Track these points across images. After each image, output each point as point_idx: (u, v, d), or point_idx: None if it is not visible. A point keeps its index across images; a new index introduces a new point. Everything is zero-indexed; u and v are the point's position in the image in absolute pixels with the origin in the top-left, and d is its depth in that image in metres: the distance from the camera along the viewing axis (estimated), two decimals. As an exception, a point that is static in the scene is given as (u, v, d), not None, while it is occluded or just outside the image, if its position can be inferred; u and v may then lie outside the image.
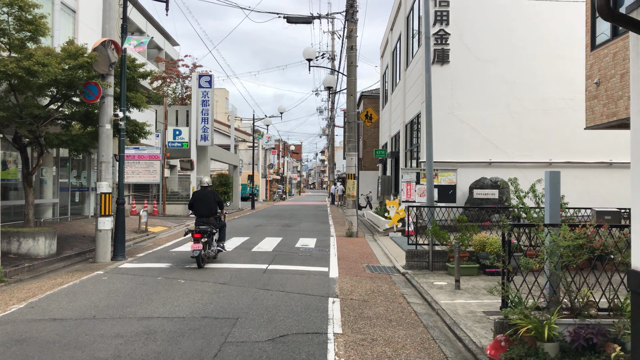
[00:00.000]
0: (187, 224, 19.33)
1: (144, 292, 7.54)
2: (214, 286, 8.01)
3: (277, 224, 19.84)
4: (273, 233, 16.21)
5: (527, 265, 4.74)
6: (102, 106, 10.33)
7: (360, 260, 11.08)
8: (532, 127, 16.84)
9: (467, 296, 7.47)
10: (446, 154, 16.70)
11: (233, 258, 10.89)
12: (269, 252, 11.81)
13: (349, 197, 15.42)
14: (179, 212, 23.10)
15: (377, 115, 15.52)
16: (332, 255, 11.65)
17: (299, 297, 7.32)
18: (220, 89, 64.11)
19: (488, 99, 16.83)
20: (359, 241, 14.57)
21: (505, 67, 16.90)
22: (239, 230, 17.18)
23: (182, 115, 23.77)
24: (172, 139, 22.97)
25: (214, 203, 10.47)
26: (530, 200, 10.36)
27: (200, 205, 10.38)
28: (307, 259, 10.93)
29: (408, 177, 16.01)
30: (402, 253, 11.82)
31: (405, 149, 22.15)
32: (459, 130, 16.80)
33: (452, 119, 16.83)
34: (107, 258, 10.48)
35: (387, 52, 29.57)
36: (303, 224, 20.04)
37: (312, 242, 13.87)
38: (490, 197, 15.99)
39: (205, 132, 22.90)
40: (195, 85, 22.95)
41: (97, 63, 9.97)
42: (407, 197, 15.99)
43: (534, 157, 16.81)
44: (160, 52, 30.73)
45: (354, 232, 15.32)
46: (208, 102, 22.95)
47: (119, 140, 10.72)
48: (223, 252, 10.92)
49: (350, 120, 15.40)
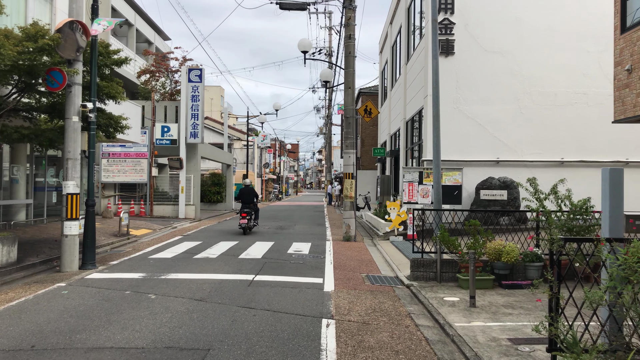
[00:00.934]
0: (174, 226, 18.17)
1: (105, 312, 6.38)
2: (189, 303, 6.86)
3: (270, 227, 18.68)
4: (265, 237, 15.06)
5: (594, 299, 3.53)
6: (68, 96, 9.16)
7: (359, 269, 9.94)
8: (542, 124, 15.72)
9: (485, 316, 6.34)
10: (451, 152, 15.57)
11: (216, 267, 9.74)
12: (258, 260, 10.65)
13: (347, 198, 14.28)
14: (167, 213, 21.93)
15: (376, 110, 14.39)
16: (327, 263, 10.51)
17: (287, 319, 6.17)
18: (216, 86, 62.94)
19: (495, 93, 15.71)
20: (357, 246, 13.43)
21: (513, 59, 15.79)
22: (228, 233, 16.01)
23: (171, 111, 22.60)
24: (160, 136, 21.79)
25: (253, 196, 16.02)
26: (551, 203, 9.26)
27: (245, 197, 16.01)
28: (299, 268, 9.78)
29: (410, 177, 14.88)
30: (405, 260, 10.68)
31: (405, 147, 21.03)
32: (464, 126, 15.68)
33: (457, 115, 15.70)
34: (74, 267, 9.31)
35: (387, 46, 28.44)
36: (298, 226, 18.89)
37: (307, 247, 12.73)
38: (499, 199, 14.87)
39: (195, 129, 21.72)
40: (184, 79, 21.77)
41: (62, 47, 8.80)
42: (409, 198, 14.86)
43: (545, 156, 15.69)
44: (151, 46, 29.53)
45: (352, 236, 14.19)
46: (198, 98, 21.77)
47: (89, 135, 9.55)
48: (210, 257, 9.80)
49: (348, 115, 14.26)
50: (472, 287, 6.89)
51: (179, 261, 10.39)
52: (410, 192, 14.85)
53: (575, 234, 8.53)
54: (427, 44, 15.95)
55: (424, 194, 14.80)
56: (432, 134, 9.39)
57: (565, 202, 8.76)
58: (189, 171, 22.00)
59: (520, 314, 6.46)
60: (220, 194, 30.83)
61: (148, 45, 29.38)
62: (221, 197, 30.90)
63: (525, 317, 6.28)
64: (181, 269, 9.50)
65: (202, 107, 21.92)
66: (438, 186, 9.35)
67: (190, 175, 21.98)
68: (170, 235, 15.61)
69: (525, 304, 7.04)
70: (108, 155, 21.90)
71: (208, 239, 14.23)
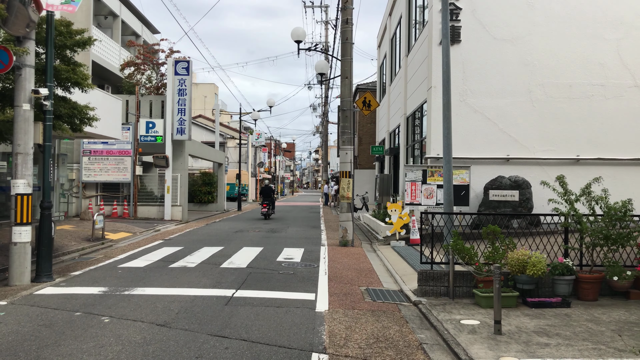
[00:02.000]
0: (157, 229, 16.84)
1: (38, 344, 5.06)
2: (148, 330, 5.54)
3: (261, 229, 17.37)
4: (254, 241, 13.74)
5: None
6: (18, 80, 7.83)
7: (357, 281, 8.65)
8: (556, 118, 14.45)
9: (516, 348, 5.05)
10: (457, 149, 14.26)
11: (192, 279, 8.42)
12: (242, 270, 9.34)
13: (344, 198, 12.98)
14: (152, 215, 20.59)
15: (376, 102, 13.11)
16: (321, 273, 9.21)
17: (267, 354, 4.86)
18: (209, 84, 61.64)
19: (505, 85, 14.42)
20: (355, 252, 12.13)
21: (525, 47, 14.51)
22: (214, 238, 14.70)
23: (157, 106, 21.26)
24: (145, 133, 20.46)
25: (271, 192, 23.14)
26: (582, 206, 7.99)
27: (265, 193, 23.22)
28: (288, 280, 8.47)
29: (412, 176, 13.58)
30: (409, 270, 9.39)
31: (406, 144, 19.73)
32: (471, 121, 14.38)
33: (463, 108, 14.41)
34: (25, 280, 7.98)
35: (385, 40, 27.16)
36: (291, 229, 17.57)
37: (299, 254, 11.43)
38: (510, 200, 13.59)
39: (182, 125, 20.38)
40: (170, 72, 20.43)
41: (9, 22, 7.48)
42: (412, 199, 13.56)
43: (559, 153, 14.41)
44: (138, 39, 28.18)
45: (349, 241, 12.89)
46: (185, 91, 20.43)
47: (44, 126, 8.21)
48: (189, 266, 8.52)
49: (345, 108, 12.95)
50: (498, 309, 5.60)
51: (151, 271, 9.07)
52: (413, 193, 13.56)
53: (613, 242, 7.26)
54: (430, 32, 14.66)
55: (428, 194, 13.51)
56: (442, 125, 8.11)
57: (599, 204, 7.48)
58: (176, 170, 20.67)
59: (560, 345, 5.17)
60: (211, 194, 29.49)
61: (135, 38, 28.02)
62: (212, 197, 29.57)
63: (568, 350, 5.00)
64: (151, 281, 8.19)
65: (190, 101, 20.58)
66: (449, 185, 8.06)
67: (177, 174, 20.65)
68: (151, 239, 14.29)
69: (562, 329, 5.75)
70: (89, 152, 20.57)
71: (191, 244, 12.91)
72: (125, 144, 20.54)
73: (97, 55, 22.50)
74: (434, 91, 14.36)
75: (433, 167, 13.64)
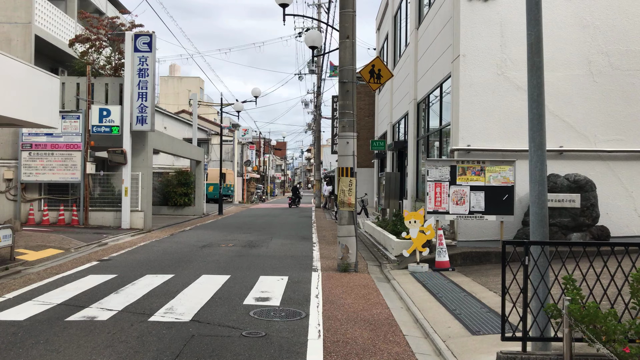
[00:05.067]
0: (104, 242, 13.14)
1: None
2: None
3: (236, 242, 13.72)
4: (220, 264, 10.10)
5: None
6: None
7: (372, 349, 5.05)
8: (625, 96, 10.95)
9: None
10: (494, 138, 10.76)
11: (82, 357, 4.77)
12: (182, 326, 5.69)
13: (344, 205, 9.34)
14: (108, 222, 16.86)
15: (389, 71, 9.52)
16: (311, 333, 5.57)
17: None
18: (194, 77, 57.85)
19: (557, 54, 10.88)
20: (361, 282, 8.50)
21: (583, 3, 10.99)
22: (168, 257, 11.04)
23: (115, 91, 17.52)
24: (98, 122, 16.70)
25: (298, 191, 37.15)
26: None
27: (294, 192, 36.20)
28: (254, 357, 4.83)
29: (437, 174, 9.99)
30: (455, 325, 5.76)
31: (416, 135, 16.17)
32: (512, 100, 10.84)
33: (502, 84, 10.87)
34: None
35: (387, 19, 23.59)
36: (274, 242, 13.93)
37: (279, 288, 7.80)
38: (568, 206, 10.05)
39: (143, 113, 16.67)
40: (129, 48, 16.70)
41: None
42: (435, 205, 9.99)
43: (629, 143, 10.91)
44: (102, 17, 24.36)
45: (352, 264, 9.27)
46: (147, 72, 16.72)
47: None
48: (97, 319, 4.87)
49: (346, 80, 9.33)
50: None
51: (27, 334, 5.41)
52: (438, 197, 9.96)
53: None
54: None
55: (458, 199, 9.93)
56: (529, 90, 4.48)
57: None
58: (136, 167, 16.95)
59: None
60: (187, 195, 25.77)
61: (99, 15, 24.21)
62: (189, 199, 25.85)
63: None
64: (3, 363, 4.55)
65: (153, 84, 16.87)
66: (542, 189, 4.44)
67: (138, 172, 16.93)
68: (84, 259, 10.62)
69: None
70: (30, 146, 16.82)
71: (131, 269, 9.25)
72: (74, 135, 16.82)
73: (45, 31, 18.74)
74: (464, 61, 10.79)
75: (466, 163, 10.07)
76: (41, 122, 12.43)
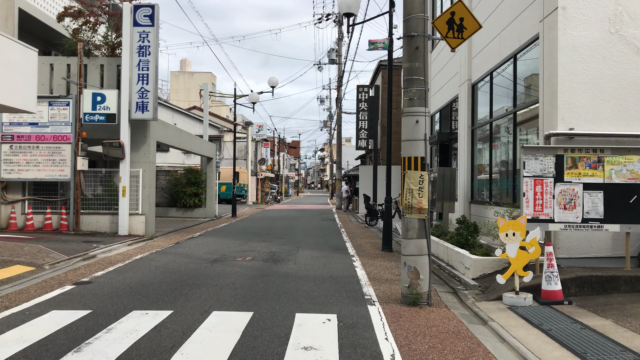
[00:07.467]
0: (91, 254, 10.50)
1: None
2: None
3: (255, 255, 11.03)
4: (238, 290, 7.40)
5: None
6: None
7: None
8: None
9: None
10: (611, 120, 7.95)
11: None
12: None
13: (411, 211, 6.59)
14: (103, 227, 14.27)
15: (476, 22, 6.76)
16: None
17: None
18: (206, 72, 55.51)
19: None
20: (446, 328, 5.74)
21: None
22: (169, 278, 8.36)
23: (111, 74, 14.94)
24: (92, 110, 14.10)
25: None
26: None
27: None
28: None
29: (537, 167, 7.22)
30: None
31: (471, 125, 13.39)
32: (632, 69, 8.02)
33: (617, 46, 8.06)
34: None
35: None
36: (303, 254, 11.21)
37: (329, 339, 5.08)
38: None
39: (144, 98, 14.06)
40: (128, 22, 14.09)
41: None
42: (536, 210, 7.20)
43: None
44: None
45: (424, 295, 6.52)
46: (149, 50, 14.10)
47: None
48: None
49: (414, 33, 6.60)
50: None
51: None
52: (539, 199, 7.18)
53: None
54: None
55: (567, 202, 7.13)
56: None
57: None
58: (136, 163, 14.36)
59: None
60: (198, 196, 23.16)
61: (99, -5, 21.68)
62: (199, 200, 23.25)
63: None
64: None
65: (156, 64, 14.24)
66: None
67: (138, 169, 14.34)
68: (58, 281, 8.00)
69: None
70: (11, 138, 14.30)
71: (114, 301, 6.60)
72: (63, 125, 14.27)
73: (31, 4, 16.25)
74: (564, 16, 7.99)
75: (577, 151, 7.31)
76: (12, 105, 9.85)
